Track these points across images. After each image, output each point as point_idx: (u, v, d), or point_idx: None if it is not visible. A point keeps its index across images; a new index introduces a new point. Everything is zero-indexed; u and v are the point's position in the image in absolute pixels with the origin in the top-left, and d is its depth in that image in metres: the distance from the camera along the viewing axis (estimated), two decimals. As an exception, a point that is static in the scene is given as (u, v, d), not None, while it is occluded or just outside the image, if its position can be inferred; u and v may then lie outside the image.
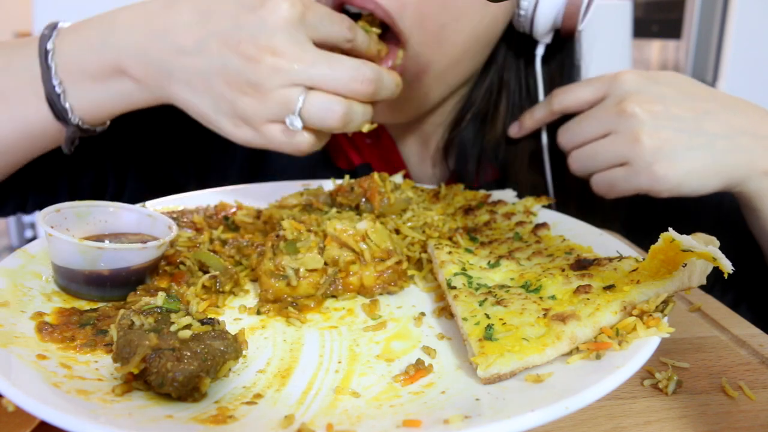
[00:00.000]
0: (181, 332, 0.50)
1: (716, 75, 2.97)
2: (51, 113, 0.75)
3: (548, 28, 0.94)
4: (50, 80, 0.73)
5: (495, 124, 1.01)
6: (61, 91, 0.74)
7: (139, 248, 0.64)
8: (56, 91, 0.74)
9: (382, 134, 1.09)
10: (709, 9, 2.90)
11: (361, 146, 1.09)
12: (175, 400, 0.47)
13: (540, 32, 0.94)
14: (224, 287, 0.67)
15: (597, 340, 0.53)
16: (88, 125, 0.78)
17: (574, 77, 1.05)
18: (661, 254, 0.56)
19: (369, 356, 0.57)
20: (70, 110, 0.75)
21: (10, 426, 0.48)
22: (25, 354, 0.50)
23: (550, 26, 0.93)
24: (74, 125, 0.77)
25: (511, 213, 0.85)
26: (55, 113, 0.75)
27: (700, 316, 0.71)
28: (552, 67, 1.02)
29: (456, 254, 0.71)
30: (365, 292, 0.69)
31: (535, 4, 0.91)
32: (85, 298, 0.63)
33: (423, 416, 0.45)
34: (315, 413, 0.47)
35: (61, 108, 0.75)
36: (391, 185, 0.84)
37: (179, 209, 0.85)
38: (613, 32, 1.91)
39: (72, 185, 0.99)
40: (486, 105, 1.01)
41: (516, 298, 0.59)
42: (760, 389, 0.57)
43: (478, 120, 1.02)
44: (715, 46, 2.94)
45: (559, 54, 1.02)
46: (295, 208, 0.85)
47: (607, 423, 0.52)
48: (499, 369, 0.50)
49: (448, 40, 0.87)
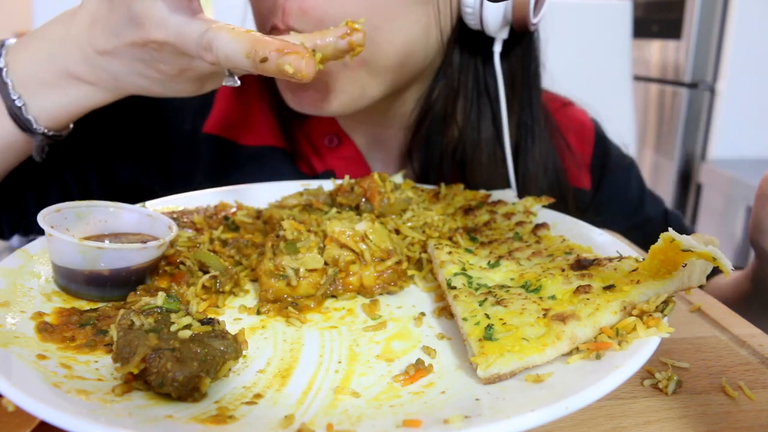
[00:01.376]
0: (181, 332, 0.50)
1: (716, 75, 2.97)
2: (16, 126, 0.76)
3: (500, 23, 0.90)
4: (9, 95, 0.75)
5: (452, 125, 1.00)
6: (21, 104, 0.75)
7: (139, 248, 0.64)
8: (17, 104, 0.75)
9: (344, 140, 1.08)
10: (709, 9, 2.90)
11: (323, 152, 1.08)
12: (175, 400, 0.47)
13: (492, 29, 0.91)
14: (224, 287, 0.67)
15: (597, 340, 0.53)
16: (54, 132, 0.79)
17: (535, 70, 1.03)
18: (661, 254, 0.56)
19: (369, 356, 0.57)
20: (34, 121, 0.76)
21: (10, 426, 0.48)
22: (25, 354, 0.50)
23: (501, 21, 0.90)
24: (41, 134, 0.77)
25: (511, 213, 0.85)
26: (19, 125, 0.76)
27: (700, 316, 0.72)
28: (512, 62, 1.00)
29: (456, 254, 0.71)
30: (365, 292, 0.69)
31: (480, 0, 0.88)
32: (85, 298, 0.63)
33: (423, 416, 0.45)
34: (315, 413, 0.47)
35: (24, 120, 0.76)
36: (391, 185, 0.84)
37: (179, 209, 0.85)
38: (613, 32, 1.91)
39: (39, 199, 0.99)
40: (444, 107, 1.00)
41: (516, 298, 0.59)
42: (760, 389, 0.57)
43: (437, 122, 1.01)
44: (715, 46, 2.94)
45: (519, 47, 0.99)
46: (295, 208, 0.85)
47: (607, 423, 0.52)
48: (499, 369, 0.50)
49: (383, 39, 0.86)
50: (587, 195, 1.17)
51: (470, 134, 1.00)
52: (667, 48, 3.16)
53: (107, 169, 1.05)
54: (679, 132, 3.09)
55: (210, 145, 1.08)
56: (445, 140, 1.01)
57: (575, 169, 1.14)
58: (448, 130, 1.01)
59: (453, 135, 1.00)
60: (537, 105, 1.04)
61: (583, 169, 1.17)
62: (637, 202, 1.21)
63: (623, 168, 1.21)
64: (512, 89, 1.00)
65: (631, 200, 1.21)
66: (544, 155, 1.04)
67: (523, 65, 1.01)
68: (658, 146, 3.27)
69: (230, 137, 1.09)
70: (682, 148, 3.10)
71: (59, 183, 1.01)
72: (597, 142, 1.19)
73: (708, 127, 3.04)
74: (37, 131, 0.77)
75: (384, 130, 1.09)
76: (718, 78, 2.96)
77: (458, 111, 1.00)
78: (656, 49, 3.27)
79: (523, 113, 1.03)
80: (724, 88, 2.93)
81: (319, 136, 1.09)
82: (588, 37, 1.85)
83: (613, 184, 1.19)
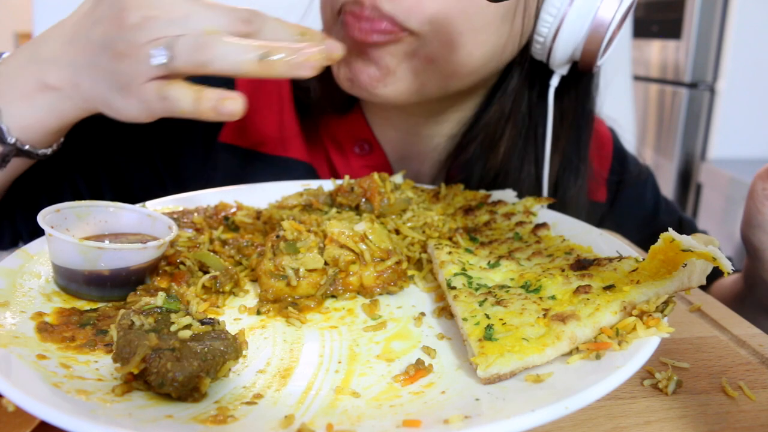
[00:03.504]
0: (181, 332, 0.50)
1: (716, 75, 2.97)
2: None
3: (566, 59, 0.89)
4: None
5: (498, 150, 0.99)
6: None
7: (139, 248, 0.64)
8: None
9: (375, 148, 1.07)
10: (709, 9, 2.90)
11: (349, 155, 1.06)
12: (175, 400, 0.47)
13: (557, 63, 0.90)
14: (224, 287, 0.67)
15: (597, 340, 0.53)
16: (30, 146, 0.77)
17: (589, 110, 1.03)
18: (661, 254, 0.56)
19: (369, 356, 0.57)
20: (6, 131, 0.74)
21: (10, 426, 0.48)
22: (25, 354, 0.50)
23: (568, 57, 0.89)
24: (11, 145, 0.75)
25: (511, 213, 0.85)
26: None
27: (700, 316, 0.71)
28: (564, 101, 0.99)
29: (456, 254, 0.71)
30: (365, 292, 0.69)
31: (555, 33, 0.86)
32: (85, 298, 0.63)
33: (423, 416, 0.45)
34: (315, 413, 0.47)
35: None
36: (391, 185, 0.84)
37: (179, 209, 0.85)
38: (613, 32, 1.91)
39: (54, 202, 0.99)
40: (494, 130, 0.99)
41: (516, 299, 0.59)
42: (760, 389, 0.57)
43: (482, 144, 1.00)
44: (715, 46, 2.94)
45: (575, 87, 0.98)
46: (295, 208, 0.85)
47: (607, 423, 0.52)
48: (499, 369, 0.50)
49: (464, 48, 0.84)
50: (602, 207, 1.16)
51: (514, 162, 0.99)
52: (667, 48, 3.16)
53: (120, 177, 1.04)
54: (678, 132, 3.09)
55: (228, 153, 1.06)
56: (488, 165, 0.99)
57: (594, 185, 1.13)
58: (491, 155, 0.99)
59: (496, 160, 0.99)
60: (585, 145, 1.04)
61: (600, 183, 1.16)
62: (652, 212, 1.21)
63: (639, 181, 1.20)
64: (561, 125, 0.99)
65: (646, 212, 1.20)
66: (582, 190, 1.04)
67: (578, 103, 1.01)
68: (658, 146, 3.27)
69: (250, 146, 1.07)
70: (682, 148, 3.10)
71: (72, 189, 1.01)
72: (615, 156, 1.19)
73: (708, 127, 3.04)
74: (7, 141, 0.75)
75: (417, 144, 1.07)
76: (718, 78, 2.96)
77: (507, 136, 0.98)
78: (656, 49, 3.27)
79: (570, 150, 1.02)
80: (724, 88, 2.93)
81: (350, 143, 1.07)
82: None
83: (628, 198, 1.18)
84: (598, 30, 0.85)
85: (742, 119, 2.94)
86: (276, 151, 1.07)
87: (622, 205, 1.17)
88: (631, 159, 1.22)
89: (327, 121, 1.07)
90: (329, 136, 1.08)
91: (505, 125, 0.98)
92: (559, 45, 0.87)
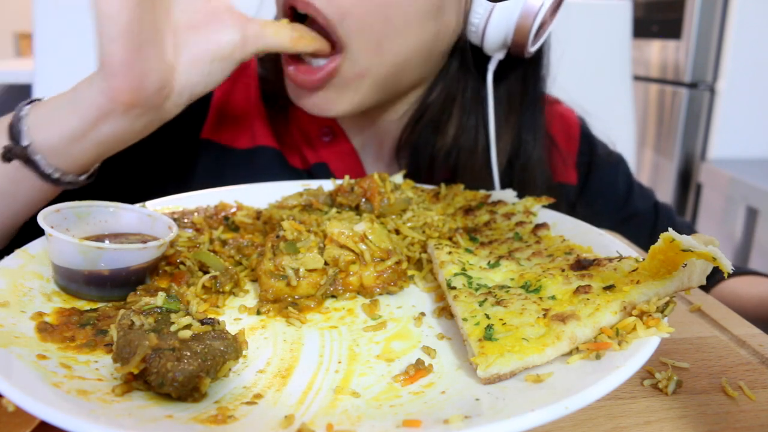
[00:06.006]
0: (181, 332, 0.50)
1: (716, 75, 2.97)
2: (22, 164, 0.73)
3: (498, 45, 0.95)
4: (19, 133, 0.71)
5: (446, 132, 1.03)
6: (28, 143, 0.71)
7: (139, 248, 0.64)
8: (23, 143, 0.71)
9: (339, 134, 1.10)
10: (709, 9, 2.90)
11: (317, 145, 1.10)
12: (175, 400, 0.47)
13: (490, 48, 0.95)
14: (224, 287, 0.67)
15: (597, 340, 0.53)
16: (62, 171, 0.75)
17: (539, 90, 1.06)
18: (661, 254, 0.56)
19: (369, 356, 0.57)
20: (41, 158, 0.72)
21: (10, 426, 0.48)
22: (25, 354, 0.50)
23: (500, 44, 0.95)
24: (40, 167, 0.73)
25: (511, 213, 0.85)
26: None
27: (700, 316, 0.72)
28: (511, 83, 1.04)
29: (456, 254, 0.71)
30: (365, 292, 0.69)
31: (486, 21, 0.92)
32: (85, 298, 0.63)
33: (423, 416, 0.45)
34: (315, 413, 0.47)
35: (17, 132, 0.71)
36: (391, 185, 0.84)
37: (179, 209, 0.85)
38: (613, 32, 1.91)
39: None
40: (439, 113, 1.03)
41: (516, 299, 0.59)
42: (760, 389, 0.57)
43: (431, 126, 1.04)
44: (715, 46, 2.94)
45: (520, 67, 1.03)
46: (295, 208, 0.85)
47: (607, 423, 0.52)
48: (499, 369, 0.50)
49: (389, 51, 0.89)
50: (573, 190, 1.20)
51: (465, 142, 1.03)
52: (667, 48, 3.16)
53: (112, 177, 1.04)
54: (678, 132, 3.09)
55: (206, 149, 1.10)
56: (438, 144, 1.03)
57: (562, 166, 1.17)
58: (441, 135, 1.03)
59: (446, 140, 1.03)
60: (539, 125, 1.07)
61: (570, 166, 1.20)
62: (625, 196, 1.24)
63: (610, 164, 1.24)
64: (509, 106, 1.03)
65: (618, 195, 1.23)
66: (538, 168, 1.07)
67: (525, 86, 1.04)
68: (658, 146, 3.27)
69: (224, 142, 1.11)
70: (682, 148, 3.10)
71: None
72: (582, 139, 1.22)
73: (708, 127, 3.03)
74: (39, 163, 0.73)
75: (379, 129, 1.10)
76: (718, 78, 2.95)
77: (454, 118, 1.02)
78: (656, 49, 3.27)
79: (523, 131, 1.05)
80: (724, 88, 2.93)
81: (315, 130, 1.11)
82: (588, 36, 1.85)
83: (599, 180, 1.21)
84: (527, 17, 0.91)
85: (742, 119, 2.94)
86: (247, 144, 1.11)
87: (592, 187, 1.21)
88: (600, 144, 1.25)
89: (294, 110, 1.09)
90: (296, 125, 1.11)
91: (451, 107, 1.02)
92: (489, 32, 0.93)
